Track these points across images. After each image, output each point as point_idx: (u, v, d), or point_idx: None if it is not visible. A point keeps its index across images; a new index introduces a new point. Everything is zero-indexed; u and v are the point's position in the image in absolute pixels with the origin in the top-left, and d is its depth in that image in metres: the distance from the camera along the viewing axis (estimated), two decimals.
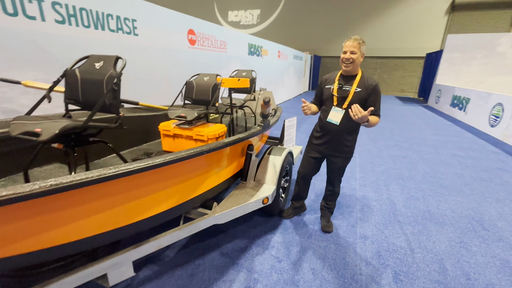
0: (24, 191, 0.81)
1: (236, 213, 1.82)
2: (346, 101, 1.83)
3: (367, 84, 1.80)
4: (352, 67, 1.78)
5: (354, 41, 1.74)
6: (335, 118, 1.88)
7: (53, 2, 2.36)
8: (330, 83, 1.94)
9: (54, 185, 0.87)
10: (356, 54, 1.74)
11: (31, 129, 1.28)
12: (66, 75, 1.64)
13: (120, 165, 1.07)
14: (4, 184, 1.59)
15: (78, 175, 0.93)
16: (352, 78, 1.85)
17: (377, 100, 1.80)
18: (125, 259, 1.32)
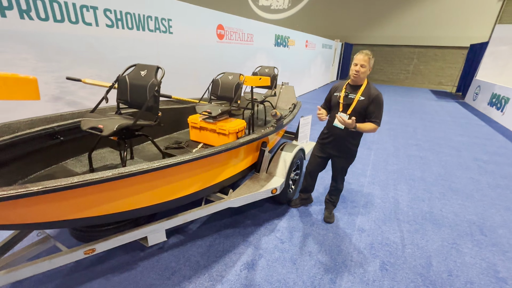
0: (105, 176, 1.20)
1: (248, 200, 2.17)
2: (350, 108, 2.05)
3: (370, 94, 2.00)
4: (359, 78, 1.99)
5: (365, 56, 1.94)
6: (340, 123, 2.10)
7: (105, 9, 2.77)
8: (338, 91, 2.16)
9: (122, 173, 1.26)
10: (365, 67, 1.95)
11: (96, 125, 1.71)
12: (118, 81, 2.04)
13: (163, 159, 1.43)
14: (73, 163, 2.08)
15: (137, 167, 1.31)
16: (357, 88, 2.05)
17: (377, 109, 1.99)
18: (160, 227, 1.74)
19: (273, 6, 18.09)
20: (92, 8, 2.66)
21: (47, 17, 2.34)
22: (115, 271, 1.87)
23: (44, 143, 1.90)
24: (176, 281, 1.81)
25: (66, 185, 1.08)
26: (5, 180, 1.64)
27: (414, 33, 14.91)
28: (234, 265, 1.97)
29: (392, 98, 9.92)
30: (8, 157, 1.66)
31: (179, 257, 2.02)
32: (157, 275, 1.85)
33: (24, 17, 2.20)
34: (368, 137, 5.11)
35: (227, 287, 1.79)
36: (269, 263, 2.00)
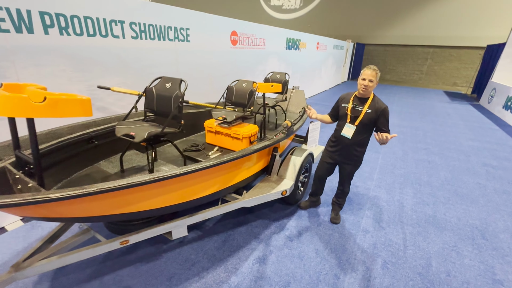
0: (142, 180, 1.42)
1: (260, 200, 2.37)
2: (358, 119, 2.21)
3: (377, 107, 2.15)
4: (367, 92, 2.14)
5: (373, 71, 2.08)
6: (348, 133, 2.27)
7: (130, 23, 3.03)
8: (346, 102, 2.30)
9: (157, 177, 1.48)
10: (372, 82, 2.09)
11: (128, 132, 1.95)
12: (146, 91, 2.28)
13: (188, 165, 1.65)
14: (105, 164, 2.34)
15: (168, 172, 1.52)
16: (364, 101, 2.20)
17: (386, 121, 2.16)
18: (182, 223, 1.96)
19: (285, 6, 18.14)
20: (120, 22, 2.91)
21: (81, 32, 2.61)
22: (142, 260, 2.12)
23: (82, 147, 2.17)
24: (195, 271, 2.04)
25: (113, 187, 1.31)
26: (53, 179, 1.91)
27: (429, 33, 14.65)
28: (247, 259, 2.18)
29: (404, 100, 9.87)
30: (55, 160, 1.92)
31: (198, 250, 2.25)
32: (179, 266, 2.08)
33: (63, 34, 2.47)
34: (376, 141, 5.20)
35: (240, 278, 2.00)
36: (278, 259, 2.20)
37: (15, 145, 1.51)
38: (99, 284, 1.90)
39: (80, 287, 1.87)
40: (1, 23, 2.08)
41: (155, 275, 1.99)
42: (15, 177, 1.47)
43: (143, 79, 3.32)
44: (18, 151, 1.51)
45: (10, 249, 2.19)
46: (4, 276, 1.44)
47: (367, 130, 2.24)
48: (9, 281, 1.45)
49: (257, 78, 5.88)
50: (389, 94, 11.11)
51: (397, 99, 9.98)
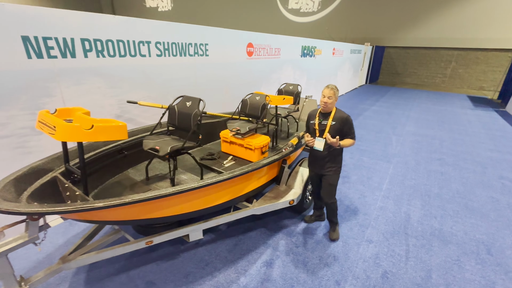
0: (165, 192, 1.69)
1: (269, 209, 2.58)
2: (325, 132, 2.38)
3: (340, 118, 2.37)
4: (328, 107, 2.36)
5: (331, 90, 2.31)
6: (319, 146, 2.40)
7: (156, 42, 3.35)
8: (313, 118, 2.50)
9: (177, 190, 1.74)
10: (331, 99, 2.32)
11: (154, 146, 2.24)
12: (169, 109, 2.58)
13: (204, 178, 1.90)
14: (133, 172, 2.66)
15: (187, 180, 1.78)
16: (328, 115, 2.41)
17: (351, 128, 2.38)
18: (199, 228, 2.22)
19: (303, 9, 18.19)
20: (147, 43, 3.25)
21: (114, 54, 2.96)
22: (163, 259, 2.40)
23: (114, 157, 2.49)
24: (209, 271, 2.29)
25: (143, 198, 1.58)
26: (91, 186, 2.24)
27: (454, 35, 14.13)
28: (256, 262, 2.40)
29: (423, 106, 9.64)
30: (93, 169, 2.25)
31: (211, 252, 2.50)
32: (194, 265, 2.34)
33: (99, 56, 2.83)
34: (389, 149, 5.23)
35: (249, 279, 2.22)
36: (284, 263, 2.40)
37: (65, 159, 1.84)
38: (126, 277, 2.20)
39: (110, 279, 2.18)
40: (50, 50, 2.46)
41: (174, 272, 2.26)
42: (64, 185, 1.78)
43: (165, 92, 3.65)
44: (68, 165, 1.83)
45: (53, 243, 2.56)
46: (54, 267, 1.76)
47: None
48: (58, 271, 1.77)
49: (272, 86, 6.09)
50: (408, 99, 10.87)
51: (416, 105, 9.77)
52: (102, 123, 1.52)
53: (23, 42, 2.27)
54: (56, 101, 2.60)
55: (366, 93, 12.02)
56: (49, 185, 1.81)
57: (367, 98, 10.73)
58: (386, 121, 7.36)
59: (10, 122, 2.34)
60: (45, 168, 1.86)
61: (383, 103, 9.85)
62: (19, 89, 2.34)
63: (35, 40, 2.35)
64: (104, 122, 1.54)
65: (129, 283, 2.15)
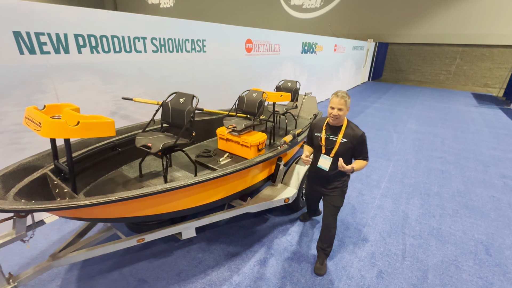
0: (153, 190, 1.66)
1: (263, 207, 2.55)
2: (333, 150, 2.03)
3: (352, 135, 1.98)
4: (339, 121, 1.99)
5: (341, 99, 1.89)
6: (324, 165, 2.10)
7: (152, 38, 3.32)
8: (318, 131, 2.13)
9: (173, 186, 1.71)
10: (342, 110, 1.91)
11: (146, 143, 2.22)
12: (162, 105, 2.55)
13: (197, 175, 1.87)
14: (127, 168, 2.64)
15: (180, 177, 1.76)
16: (338, 129, 2.02)
17: (364, 148, 2.01)
18: (191, 225, 2.20)
19: (305, 5, 17.99)
20: (142, 39, 3.21)
21: (109, 50, 2.93)
22: (156, 256, 2.39)
23: (107, 154, 2.47)
24: (202, 269, 2.28)
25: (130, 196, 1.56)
26: (83, 182, 2.23)
27: (459, 31, 13.88)
28: (249, 260, 2.38)
29: (426, 103, 9.51)
30: (85, 166, 2.24)
31: (205, 249, 2.48)
32: (187, 263, 2.33)
33: (94, 52, 2.80)
34: (390, 147, 5.16)
35: (242, 278, 2.20)
36: (278, 262, 2.37)
37: (54, 156, 1.82)
38: (119, 274, 2.20)
39: (103, 276, 2.18)
40: (43, 46, 2.43)
41: (166, 269, 2.25)
42: (53, 182, 1.77)
43: (162, 89, 3.62)
44: (57, 162, 1.82)
45: (48, 239, 2.56)
46: (44, 264, 1.75)
47: (345, 160, 2.01)
48: (47, 268, 1.76)
49: (272, 83, 6.03)
50: (411, 97, 10.74)
51: (418, 102, 9.64)
52: (89, 119, 1.50)
53: (14, 38, 2.25)
54: (50, 98, 2.58)
55: (368, 90, 11.89)
56: (39, 182, 1.79)
57: (369, 96, 10.62)
58: (388, 118, 7.27)
59: (3, 118, 2.33)
60: (35, 165, 1.85)
61: (385, 101, 9.74)
62: (11, 85, 2.32)
63: (27, 36, 2.32)
64: (91, 119, 1.52)
65: (121, 280, 2.14)
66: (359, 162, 2.01)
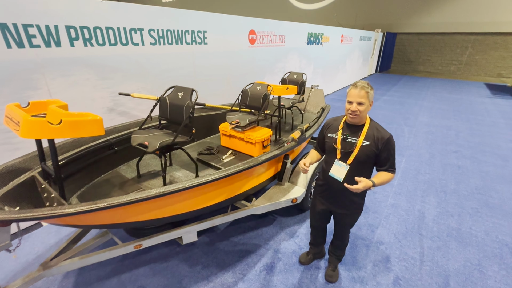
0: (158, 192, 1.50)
1: (269, 208, 2.39)
2: (351, 156, 1.60)
3: (378, 137, 1.56)
4: (359, 118, 1.58)
5: (361, 90, 1.49)
6: (338, 174, 1.66)
7: (149, 29, 3.13)
8: (333, 131, 1.71)
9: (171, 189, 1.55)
10: (363, 105, 1.51)
11: (143, 142, 2.06)
12: (160, 100, 2.38)
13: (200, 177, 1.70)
14: (124, 168, 2.50)
15: (181, 178, 1.60)
16: (358, 129, 1.61)
17: (391, 156, 1.58)
18: (192, 229, 2.05)
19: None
20: (139, 30, 3.03)
21: (104, 42, 2.76)
22: (156, 261, 2.25)
23: (103, 153, 2.33)
24: (205, 274, 2.13)
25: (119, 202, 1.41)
26: (77, 184, 2.09)
27: (470, 19, 13.31)
28: (255, 265, 2.23)
29: (437, 95, 9.15)
30: (79, 166, 2.10)
31: (208, 254, 2.34)
32: (190, 268, 2.19)
33: (87, 45, 2.64)
34: (401, 141, 4.92)
35: (247, 285, 2.05)
36: (286, 267, 2.21)
37: (41, 158, 1.67)
38: (117, 281, 2.07)
39: (100, 283, 2.05)
40: (32, 39, 2.27)
41: (167, 276, 2.12)
42: (41, 186, 1.63)
43: (162, 83, 3.45)
44: (44, 164, 1.67)
45: (44, 243, 2.45)
46: (34, 274, 1.62)
47: (366, 169, 1.63)
48: (38, 278, 1.63)
49: (276, 76, 5.81)
50: (421, 88, 10.36)
51: (429, 94, 9.28)
52: (74, 117, 1.34)
53: (0, 30, 2.09)
54: (42, 94, 2.44)
55: (376, 83, 11.53)
56: (26, 186, 1.65)
57: (378, 88, 10.28)
58: (398, 111, 6.99)
59: None
60: (22, 167, 1.71)
61: (395, 93, 9.40)
62: None
63: (15, 28, 2.16)
64: (76, 116, 1.36)
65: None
66: (383, 175, 1.57)
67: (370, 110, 1.62)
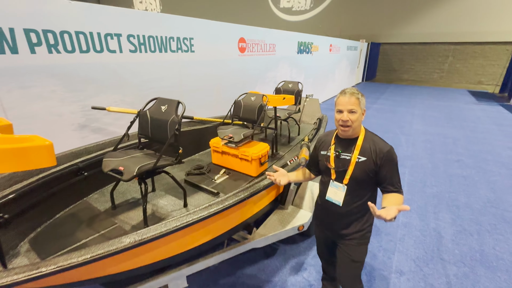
0: (133, 242, 1.13)
1: (273, 239, 2.02)
2: (346, 175, 1.36)
3: (375, 150, 1.30)
4: (352, 130, 1.33)
5: (351, 96, 1.28)
6: (336, 197, 1.41)
7: (128, 35, 2.78)
8: (325, 147, 1.47)
9: (147, 237, 1.17)
10: (355, 113, 1.28)
11: (117, 167, 1.66)
12: (139, 115, 2.00)
13: (189, 215, 1.34)
14: (96, 197, 2.07)
15: (164, 224, 1.23)
16: (352, 143, 1.37)
17: (393, 172, 1.31)
18: (181, 275, 1.64)
19: (295, 8, 17.75)
20: (116, 36, 2.67)
21: (73, 49, 2.38)
22: None
23: (69, 181, 1.90)
24: None
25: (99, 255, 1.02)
26: (32, 223, 1.65)
27: (449, 29, 13.80)
28: None
29: (426, 102, 9.21)
30: (35, 200, 1.66)
31: None
32: None
33: (52, 51, 2.25)
34: (400, 151, 4.72)
35: None
36: None
37: None
38: None
39: None
40: None
41: None
42: None
43: (143, 95, 3.07)
44: None
45: None
46: None
47: (366, 187, 1.38)
48: None
49: (268, 86, 5.55)
50: (409, 96, 10.46)
51: (418, 101, 9.33)
52: (9, 143, 0.95)
53: None
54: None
55: (365, 91, 11.57)
56: None
57: (367, 96, 10.27)
58: (391, 119, 6.87)
59: None
60: None
61: (385, 101, 9.39)
62: None
63: None
64: (13, 142, 0.97)
65: None
66: (393, 197, 1.28)
67: (363, 119, 1.35)
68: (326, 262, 1.79)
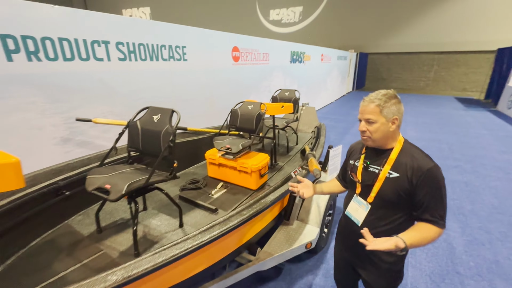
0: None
1: (279, 260, 1.83)
2: (372, 191, 1.14)
3: (412, 167, 1.06)
4: (372, 141, 1.14)
5: (370, 104, 1.11)
6: (356, 215, 1.21)
7: (117, 43, 2.62)
8: (355, 156, 1.29)
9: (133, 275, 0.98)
10: (374, 123, 1.10)
11: (102, 185, 1.46)
12: (129, 126, 1.82)
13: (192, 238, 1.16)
14: (80, 219, 1.84)
15: (159, 255, 1.04)
16: (384, 154, 1.15)
17: (434, 196, 1.04)
18: None
19: (284, 20, 18.11)
20: (104, 43, 2.51)
21: (56, 57, 2.19)
22: None
23: (48, 202, 1.67)
24: None
25: None
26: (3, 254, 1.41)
27: (433, 39, 14.33)
28: None
29: (417, 109, 9.34)
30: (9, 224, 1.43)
31: None
32: None
33: (32, 59, 2.05)
34: None
35: None
36: None
37: None
38: None
39: None
40: None
41: None
42: None
43: (133, 106, 2.84)
44: None
45: None
46: None
47: (397, 210, 1.13)
48: None
49: (262, 95, 5.45)
50: None
51: (409, 108, 9.45)
52: None
53: None
54: None
55: (356, 99, 11.71)
56: None
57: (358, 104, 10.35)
58: None
59: None
60: None
61: None
62: None
63: None
64: None
65: None
66: (423, 228, 1.04)
67: (395, 129, 1.11)
68: (342, 286, 1.59)
